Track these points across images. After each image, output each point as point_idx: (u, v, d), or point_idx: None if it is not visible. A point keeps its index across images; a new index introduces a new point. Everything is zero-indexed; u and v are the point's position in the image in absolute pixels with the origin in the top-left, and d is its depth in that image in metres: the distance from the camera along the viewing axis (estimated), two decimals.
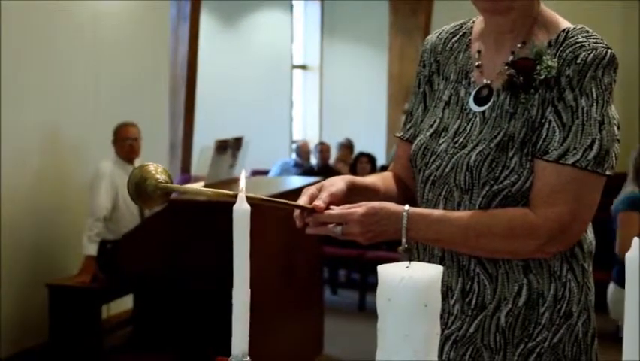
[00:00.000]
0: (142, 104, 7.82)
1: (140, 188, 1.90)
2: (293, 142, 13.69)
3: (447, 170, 2.15)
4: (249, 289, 1.51)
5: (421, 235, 2.05)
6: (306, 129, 14.52)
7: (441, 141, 2.19)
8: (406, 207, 2.02)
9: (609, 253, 5.88)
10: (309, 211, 2.02)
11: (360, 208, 2.01)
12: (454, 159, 2.15)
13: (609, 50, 2.09)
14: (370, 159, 10.39)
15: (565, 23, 2.18)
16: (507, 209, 2.06)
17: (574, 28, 2.15)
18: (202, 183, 6.36)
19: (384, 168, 11.09)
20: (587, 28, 2.16)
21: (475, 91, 2.20)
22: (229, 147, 6.60)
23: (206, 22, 11.35)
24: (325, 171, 10.33)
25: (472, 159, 2.11)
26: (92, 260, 6.35)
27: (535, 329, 2.12)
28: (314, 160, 11.44)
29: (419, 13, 13.03)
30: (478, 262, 2.13)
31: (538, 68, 2.09)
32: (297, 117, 14.58)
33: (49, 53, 6.79)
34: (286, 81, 14.07)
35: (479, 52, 2.24)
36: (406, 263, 1.40)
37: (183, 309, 5.59)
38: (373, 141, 12.67)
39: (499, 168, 2.08)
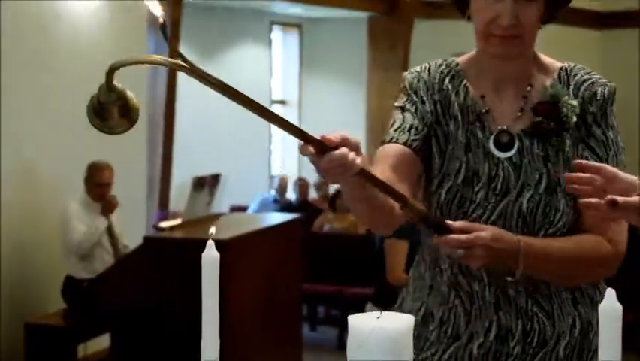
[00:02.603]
0: (119, 138, 7.74)
1: (96, 108, 1.74)
2: (272, 177, 13.66)
3: (493, 218, 2.14)
4: (219, 339, 1.47)
5: (529, 263, 2.03)
6: (285, 164, 14.49)
7: (477, 189, 2.17)
8: (517, 236, 2.03)
9: None
10: (318, 144, 1.72)
11: (485, 233, 1.96)
12: (499, 207, 2.15)
13: (613, 84, 2.21)
14: None
15: (556, 62, 2.24)
16: (588, 237, 2.11)
17: (570, 66, 2.23)
18: (180, 220, 6.32)
19: None
20: (583, 65, 2.24)
21: (493, 137, 2.19)
22: (206, 184, 6.57)
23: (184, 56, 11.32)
24: (304, 206, 10.32)
25: (524, 205, 2.13)
26: None
27: (588, 355, 2.19)
28: (293, 195, 11.41)
29: (398, 48, 13.07)
30: (535, 301, 2.17)
31: (564, 110, 2.14)
32: (276, 152, 14.56)
33: (25, 88, 6.74)
34: None
35: (482, 96, 2.22)
36: (377, 313, 1.37)
37: (160, 348, 5.53)
38: None
39: (553, 212, 2.12)
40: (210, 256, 1.46)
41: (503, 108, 2.21)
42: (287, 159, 14.61)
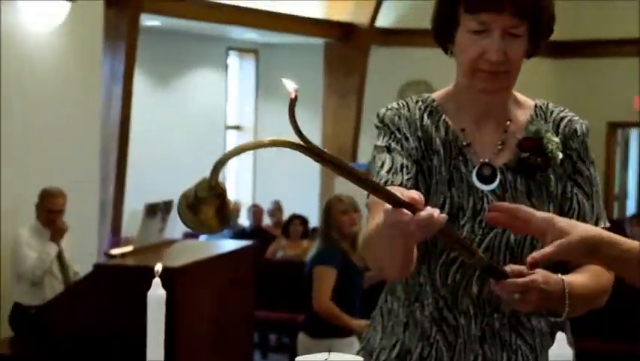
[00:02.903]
0: (72, 163, 7.70)
1: (191, 200, 1.68)
2: None
3: (480, 251, 2.10)
4: None
5: (573, 302, 2.01)
6: (240, 190, 14.44)
7: (462, 223, 2.16)
8: (560, 275, 2.00)
9: None
10: (408, 207, 1.77)
11: (538, 276, 1.94)
12: (487, 240, 2.15)
13: (584, 120, 2.28)
14: (303, 220, 10.34)
15: (529, 99, 2.29)
16: (595, 268, 2.12)
17: (545, 103, 2.28)
18: (131, 247, 6.26)
19: (316, 230, 11.04)
20: (547, 101, 2.30)
21: (475, 170, 2.20)
22: (159, 211, 6.52)
23: (139, 81, 11.27)
24: (258, 233, 10.29)
25: (512, 238, 2.14)
26: None
27: None
28: (247, 222, 11.36)
29: (354, 75, 13.11)
30: (518, 334, 2.18)
31: (549, 146, 2.17)
32: (230, 178, 14.50)
33: None
34: (220, 141, 14.00)
35: (463, 130, 2.23)
36: (325, 354, 1.35)
37: None
38: (306, 202, 12.62)
39: (539, 245, 2.09)
40: (156, 294, 1.42)
41: (484, 141, 2.22)
42: (241, 185, 14.56)
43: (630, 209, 16.01)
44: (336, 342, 5.72)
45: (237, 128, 14.61)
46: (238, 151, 1.72)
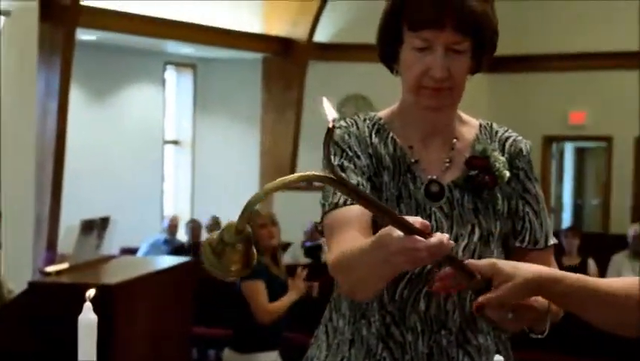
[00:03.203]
0: (7, 178, 7.59)
1: (216, 245, 1.62)
2: (164, 218, 13.50)
3: (427, 268, 2.11)
4: None
5: (553, 317, 2.01)
6: (178, 205, 14.35)
7: None
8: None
9: None
10: (420, 234, 1.77)
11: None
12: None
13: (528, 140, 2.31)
14: None
15: (473, 119, 2.31)
16: None
17: (489, 123, 2.31)
18: (67, 265, 6.17)
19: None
20: (489, 121, 2.33)
21: (423, 186, 2.20)
22: (95, 227, 6.44)
23: (76, 96, 11.16)
24: (196, 248, 10.20)
25: (460, 255, 2.13)
26: None
27: None
28: (185, 237, 11.28)
29: (292, 89, 13.12)
30: (465, 352, 2.18)
31: (496, 165, 2.19)
32: (168, 193, 14.41)
33: None
34: (157, 156, 13.91)
35: (411, 147, 2.23)
36: None
37: None
38: None
39: None
40: (87, 319, 1.39)
41: (431, 159, 2.23)
42: (180, 200, 14.47)
43: (566, 221, 16.20)
44: (260, 356, 5.88)
45: (175, 142, 14.53)
46: (266, 192, 1.66)
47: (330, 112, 1.67)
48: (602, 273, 9.64)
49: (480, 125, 2.30)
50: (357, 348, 2.21)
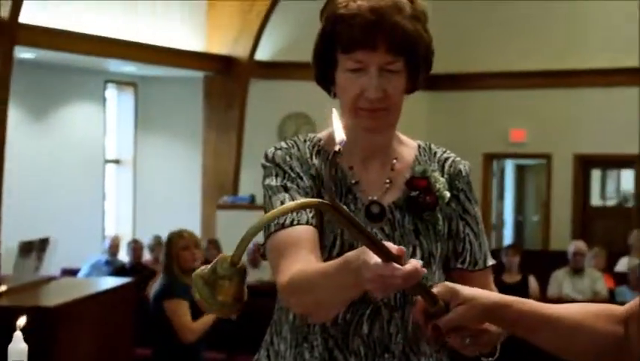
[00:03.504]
0: None
1: (208, 277, 1.56)
2: (105, 238, 13.37)
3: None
4: None
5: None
6: (119, 224, 14.22)
7: None
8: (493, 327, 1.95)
9: None
10: (393, 259, 1.72)
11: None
12: None
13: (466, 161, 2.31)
14: None
15: (410, 139, 2.31)
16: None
17: (427, 144, 2.30)
18: (5, 287, 6.07)
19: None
20: (432, 143, 2.33)
21: (364, 207, 2.18)
22: (34, 249, 6.35)
23: (15, 115, 11.02)
24: (138, 269, 10.12)
25: None
26: None
27: None
28: (126, 257, 11.17)
29: (233, 108, 13.09)
30: None
31: (437, 185, 2.19)
32: (109, 212, 14.28)
33: None
34: (99, 175, 13.79)
35: (351, 168, 2.22)
36: None
37: None
38: None
39: (429, 284, 2.06)
40: (17, 348, 1.34)
41: (371, 180, 2.22)
42: (121, 220, 14.35)
43: (507, 238, 16.34)
44: None
45: (116, 162, 14.41)
46: (264, 222, 1.64)
47: (339, 133, 1.65)
48: (543, 289, 9.73)
49: (419, 146, 2.30)
50: None
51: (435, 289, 1.85)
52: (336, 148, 1.63)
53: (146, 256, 11.32)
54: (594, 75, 13.87)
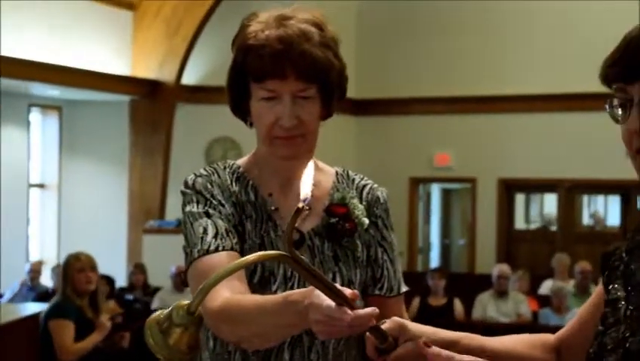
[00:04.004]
0: None
1: (163, 324, 1.51)
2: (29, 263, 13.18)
3: None
4: None
5: None
6: (44, 249, 14.03)
7: (274, 288, 2.14)
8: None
9: None
10: (347, 304, 1.67)
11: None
12: None
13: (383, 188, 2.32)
14: (109, 280, 10.13)
15: (328, 166, 2.33)
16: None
17: (345, 171, 2.33)
18: None
19: (123, 290, 10.84)
20: (349, 169, 2.35)
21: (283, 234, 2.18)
22: None
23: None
24: None
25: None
26: None
27: None
28: (51, 282, 11.03)
29: (160, 132, 13.02)
30: None
31: (356, 212, 2.21)
32: (34, 237, 14.08)
33: None
34: (22, 200, 13.59)
35: (270, 195, 2.24)
36: None
37: None
38: (113, 261, 12.38)
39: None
40: None
41: (290, 206, 2.21)
42: (46, 244, 14.16)
43: (434, 261, 16.48)
44: None
45: (41, 186, 14.22)
46: (226, 274, 1.58)
47: (305, 191, 1.63)
48: (468, 312, 9.82)
49: (336, 173, 2.32)
50: None
51: (384, 326, 1.84)
52: (300, 205, 1.60)
53: None
54: (518, 101, 14.09)
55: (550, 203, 15.65)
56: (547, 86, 13.65)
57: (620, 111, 1.61)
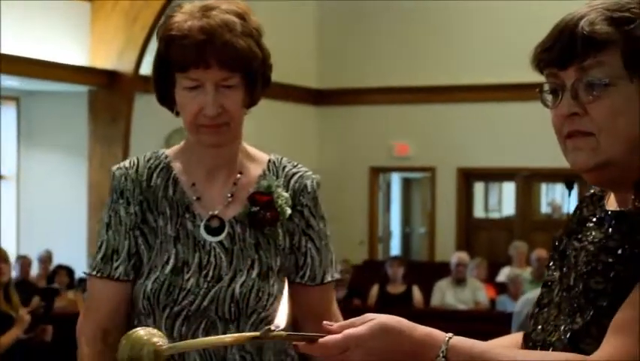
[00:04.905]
0: None
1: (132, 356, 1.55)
2: None
3: (205, 304, 2.16)
4: None
5: None
6: (3, 240, 13.91)
7: (187, 277, 2.19)
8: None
9: None
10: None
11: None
12: (212, 293, 2.18)
13: (316, 175, 2.34)
14: (69, 271, 10.10)
15: (263, 153, 2.36)
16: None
17: (278, 159, 2.34)
18: None
19: (83, 280, 10.80)
20: (281, 155, 2.36)
21: (203, 222, 2.24)
22: None
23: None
24: (25, 286, 9.94)
25: (237, 290, 2.17)
26: None
27: None
28: (14, 274, 10.95)
29: (119, 122, 12.97)
30: None
31: (279, 201, 2.23)
32: None
33: None
34: None
35: (193, 184, 2.28)
36: None
37: None
38: (73, 251, 12.34)
39: (265, 297, 2.18)
40: None
41: (214, 194, 2.28)
42: (4, 235, 14.06)
43: (394, 250, 16.56)
44: None
45: None
46: (201, 344, 1.73)
47: (281, 317, 1.52)
48: (427, 299, 9.90)
49: (269, 161, 2.35)
50: None
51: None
52: (272, 326, 1.51)
53: (35, 270, 11.16)
54: (476, 90, 14.18)
55: (508, 192, 15.77)
56: (505, 76, 13.74)
57: (550, 97, 1.66)
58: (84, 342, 2.26)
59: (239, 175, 2.30)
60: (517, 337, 1.84)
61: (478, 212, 15.80)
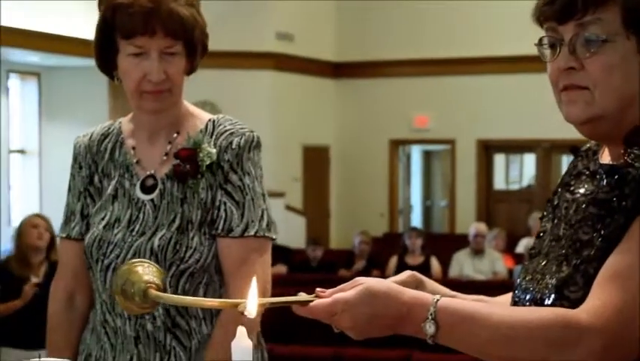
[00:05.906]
0: None
1: (127, 289, 1.72)
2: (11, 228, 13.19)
3: (128, 256, 2.28)
4: None
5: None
6: (26, 215, 14.01)
7: (116, 232, 2.34)
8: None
9: None
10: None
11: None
12: (134, 246, 2.31)
13: (254, 133, 2.38)
14: None
15: (207, 114, 2.45)
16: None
17: (219, 118, 2.42)
18: None
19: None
20: (231, 117, 2.43)
21: (140, 181, 2.37)
22: None
23: None
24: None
25: (156, 243, 2.29)
26: None
27: None
28: None
29: None
30: (174, 336, 2.33)
31: (200, 155, 2.32)
32: (15, 203, 14.09)
33: None
34: (3, 166, 13.60)
35: (134, 148, 2.41)
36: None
37: None
38: None
39: (184, 249, 2.29)
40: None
41: (153, 156, 2.40)
42: (27, 210, 14.15)
43: (415, 222, 16.57)
44: None
45: (21, 152, 14.23)
46: (187, 302, 1.99)
47: (251, 308, 1.49)
48: (445, 271, 9.94)
49: (209, 120, 2.43)
50: (94, 336, 2.42)
51: (405, 277, 1.73)
52: (245, 313, 1.49)
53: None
54: (496, 62, 14.14)
55: (529, 163, 15.74)
56: (525, 47, 13.62)
57: (549, 51, 1.70)
58: (51, 301, 2.46)
59: (175, 135, 2.40)
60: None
61: (499, 184, 15.79)
